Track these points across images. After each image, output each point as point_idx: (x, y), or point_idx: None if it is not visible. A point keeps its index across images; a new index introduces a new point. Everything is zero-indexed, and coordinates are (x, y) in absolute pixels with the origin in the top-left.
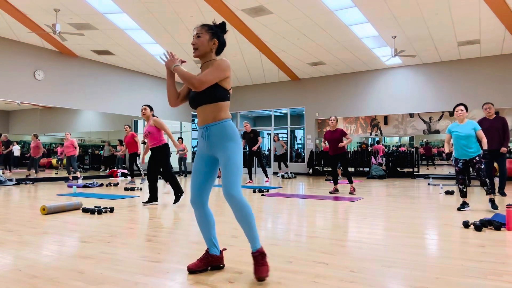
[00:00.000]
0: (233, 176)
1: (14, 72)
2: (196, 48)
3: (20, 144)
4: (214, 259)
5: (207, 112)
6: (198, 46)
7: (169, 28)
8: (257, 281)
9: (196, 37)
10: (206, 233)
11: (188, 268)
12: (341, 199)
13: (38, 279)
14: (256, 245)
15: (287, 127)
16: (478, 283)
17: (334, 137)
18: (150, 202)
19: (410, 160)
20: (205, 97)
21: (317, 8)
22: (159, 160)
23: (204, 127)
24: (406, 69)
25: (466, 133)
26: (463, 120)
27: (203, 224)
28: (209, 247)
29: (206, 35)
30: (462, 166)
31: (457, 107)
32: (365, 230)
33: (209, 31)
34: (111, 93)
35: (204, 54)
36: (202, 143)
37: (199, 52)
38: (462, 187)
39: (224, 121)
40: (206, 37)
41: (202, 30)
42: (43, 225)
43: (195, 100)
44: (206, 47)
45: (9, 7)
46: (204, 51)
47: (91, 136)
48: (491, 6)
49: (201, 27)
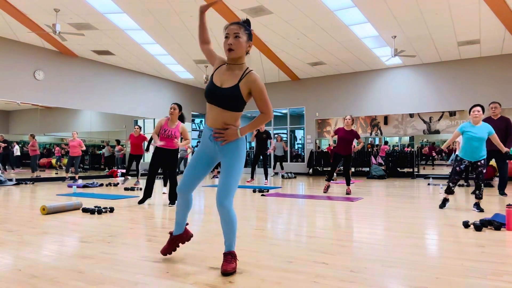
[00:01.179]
0: (230, 186)
1: (14, 72)
2: (233, 49)
3: (20, 144)
4: (180, 237)
5: (222, 116)
6: (236, 48)
7: (169, 28)
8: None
9: (234, 37)
10: (181, 217)
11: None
12: (341, 199)
13: (38, 279)
14: (231, 247)
15: (287, 127)
16: (478, 283)
17: (348, 137)
18: (144, 200)
19: (410, 160)
20: (228, 104)
21: (317, 8)
22: (169, 162)
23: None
24: (406, 69)
25: (480, 135)
26: (478, 122)
27: (182, 209)
28: (176, 229)
29: (244, 36)
30: (464, 168)
31: (474, 108)
32: (365, 230)
33: (246, 32)
34: (111, 93)
35: (239, 57)
36: (207, 142)
37: (236, 54)
38: (452, 185)
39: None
40: (244, 39)
41: (240, 30)
42: (43, 225)
43: (216, 99)
44: (243, 49)
45: (9, 7)
46: (241, 53)
47: (91, 136)
48: (491, 6)
49: (239, 26)
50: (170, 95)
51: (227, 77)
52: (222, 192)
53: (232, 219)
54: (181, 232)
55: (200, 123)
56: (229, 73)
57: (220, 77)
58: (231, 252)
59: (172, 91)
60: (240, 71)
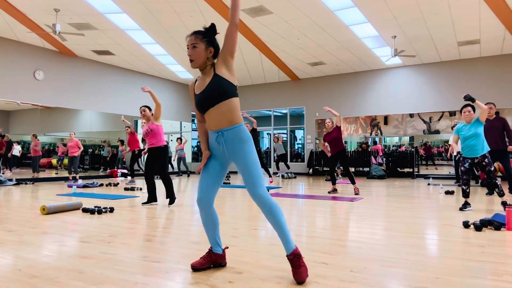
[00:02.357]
0: (256, 177)
1: (14, 72)
2: (193, 60)
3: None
4: (217, 257)
5: (221, 113)
6: (195, 58)
7: (169, 28)
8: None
9: (192, 48)
10: (210, 233)
11: (192, 265)
12: (341, 199)
13: (38, 279)
14: (290, 247)
15: (287, 127)
16: (478, 283)
17: (332, 136)
18: (149, 203)
19: (410, 160)
20: (216, 94)
21: (317, 8)
22: (157, 161)
23: (219, 132)
24: (406, 69)
25: (473, 132)
26: (470, 121)
27: (208, 224)
28: (213, 246)
29: (202, 45)
30: (468, 166)
31: (465, 108)
32: (365, 230)
33: (204, 40)
34: (111, 93)
35: (202, 65)
36: (216, 147)
37: (196, 64)
38: (465, 188)
39: (238, 126)
40: (202, 47)
41: (196, 40)
42: (43, 225)
43: (206, 101)
44: (203, 57)
45: (9, 7)
46: (202, 62)
47: (91, 136)
48: (491, 6)
49: (195, 36)
50: (170, 95)
51: (204, 80)
52: (252, 185)
53: (272, 208)
54: (220, 252)
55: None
56: (204, 77)
57: (199, 86)
58: (293, 252)
59: (172, 91)
60: (211, 66)
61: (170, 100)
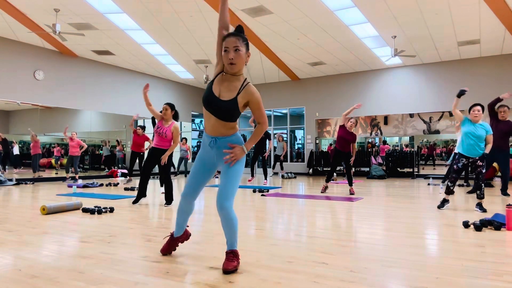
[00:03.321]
0: (230, 188)
1: (14, 72)
2: (234, 63)
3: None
4: (180, 238)
5: (221, 127)
6: (237, 62)
7: (169, 28)
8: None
9: (234, 51)
10: (182, 220)
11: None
12: (341, 199)
13: (38, 279)
14: (233, 246)
15: (287, 127)
16: (478, 283)
17: (348, 137)
18: (138, 199)
19: (410, 160)
20: (224, 116)
21: (317, 8)
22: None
23: (213, 138)
24: (406, 69)
25: (479, 133)
26: (478, 121)
27: (184, 213)
28: (177, 231)
29: (243, 48)
30: (461, 166)
31: (474, 107)
32: (365, 230)
33: (244, 44)
34: (111, 93)
35: (240, 70)
36: (207, 149)
37: (237, 69)
38: (450, 185)
39: (233, 136)
40: (243, 51)
41: (239, 43)
42: (43, 225)
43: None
44: (243, 62)
45: (9, 7)
46: (242, 67)
47: (91, 136)
48: (491, 6)
49: (237, 38)
50: (170, 95)
51: (225, 88)
52: (222, 195)
53: (232, 220)
54: (181, 234)
55: (200, 123)
56: (227, 84)
57: (218, 87)
58: (233, 250)
59: (172, 91)
60: (239, 83)
61: (170, 100)
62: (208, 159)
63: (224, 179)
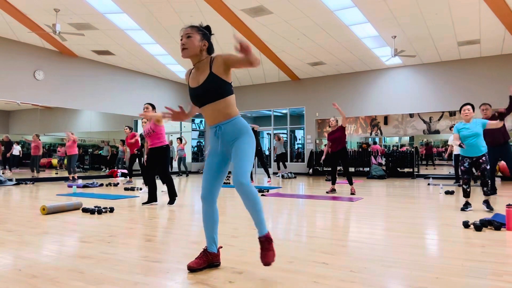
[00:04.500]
0: (243, 164)
1: (14, 72)
2: (186, 48)
3: (20, 144)
4: (213, 256)
5: (217, 110)
6: (188, 46)
7: (169, 28)
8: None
9: (186, 37)
10: (209, 230)
11: (188, 266)
12: (341, 199)
13: (38, 279)
14: (263, 230)
15: (287, 127)
16: (478, 283)
17: (336, 136)
18: (149, 203)
19: (410, 160)
20: (212, 94)
21: (317, 8)
22: (158, 161)
23: (216, 126)
24: (406, 69)
25: (475, 131)
26: (469, 120)
27: (208, 220)
28: (209, 244)
29: (197, 35)
30: (468, 166)
31: (464, 107)
32: (365, 230)
33: (199, 32)
34: (111, 93)
35: (194, 55)
36: (215, 141)
37: (189, 52)
38: (466, 187)
39: (235, 118)
40: (197, 37)
41: (192, 31)
42: (43, 225)
43: (202, 98)
44: (196, 47)
45: (9, 7)
46: (195, 51)
47: (91, 136)
48: (491, 6)
49: (190, 27)
50: (170, 95)
51: (199, 75)
52: (238, 174)
53: (254, 196)
54: (215, 251)
55: (200, 123)
56: (199, 71)
57: (194, 80)
58: (265, 235)
59: (172, 91)
60: (207, 62)
61: (170, 100)
62: (218, 151)
63: (237, 160)
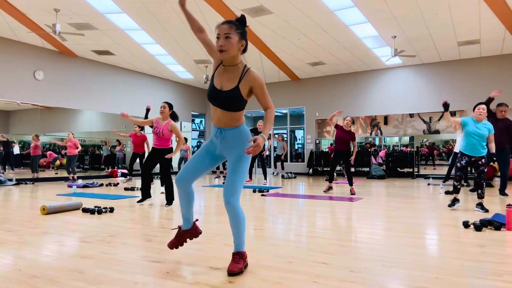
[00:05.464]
0: (237, 184)
1: (14, 72)
2: (224, 50)
3: (20, 144)
4: (188, 233)
5: (226, 118)
6: (228, 48)
7: (169, 28)
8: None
9: (224, 38)
10: (185, 210)
11: (168, 246)
12: (341, 199)
13: (38, 279)
14: (240, 248)
15: (287, 127)
16: (478, 283)
17: (345, 137)
18: (143, 200)
19: (410, 160)
20: (229, 106)
21: (317, 8)
22: (162, 162)
23: (219, 129)
24: (406, 69)
25: (482, 132)
26: (482, 120)
27: (184, 202)
28: (184, 223)
29: (236, 36)
30: (465, 164)
31: (480, 106)
32: (365, 230)
33: (238, 32)
34: (111, 93)
35: (232, 57)
36: (214, 141)
37: (227, 55)
38: (457, 184)
39: (240, 127)
40: (235, 38)
41: (231, 30)
42: (43, 225)
43: (218, 102)
44: (235, 49)
45: (9, 7)
46: (233, 54)
47: (91, 136)
48: (491, 6)
49: (229, 26)
50: (170, 95)
51: (226, 79)
52: (228, 190)
53: (239, 217)
54: (190, 228)
55: (200, 123)
56: (228, 75)
57: (219, 79)
58: (239, 252)
59: (172, 91)
60: (238, 72)
61: (170, 100)
62: (212, 149)
63: (231, 175)
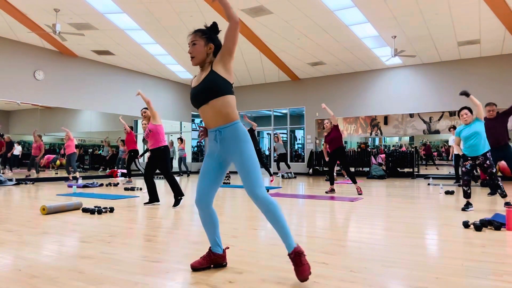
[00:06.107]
0: (254, 176)
1: (14, 72)
2: (193, 57)
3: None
4: (217, 257)
5: (217, 109)
6: (195, 54)
7: (169, 28)
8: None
9: (192, 45)
10: (210, 233)
11: (191, 266)
12: (341, 199)
13: (38, 279)
14: (291, 246)
15: (287, 127)
16: (478, 283)
17: (331, 136)
18: (151, 203)
19: (410, 160)
20: (211, 91)
21: (317, 8)
22: (158, 162)
23: (216, 130)
24: (406, 69)
25: (474, 130)
26: (469, 122)
27: (207, 224)
28: (212, 246)
29: (201, 41)
30: (469, 167)
31: (462, 111)
32: (365, 230)
33: (203, 37)
34: (111, 93)
35: (202, 61)
36: (214, 145)
37: (197, 60)
38: (466, 189)
39: (235, 123)
40: (201, 43)
41: (196, 37)
42: (43, 225)
43: (201, 95)
44: (203, 53)
45: (9, 7)
46: (202, 58)
47: (91, 136)
48: (491, 6)
49: (194, 34)
50: (170, 95)
51: (201, 75)
52: (250, 184)
53: (274, 208)
54: (220, 253)
55: (200, 123)
56: (202, 72)
57: (196, 81)
58: (294, 250)
59: (172, 91)
60: (209, 62)
61: (170, 100)
62: (216, 157)
63: (244, 171)
